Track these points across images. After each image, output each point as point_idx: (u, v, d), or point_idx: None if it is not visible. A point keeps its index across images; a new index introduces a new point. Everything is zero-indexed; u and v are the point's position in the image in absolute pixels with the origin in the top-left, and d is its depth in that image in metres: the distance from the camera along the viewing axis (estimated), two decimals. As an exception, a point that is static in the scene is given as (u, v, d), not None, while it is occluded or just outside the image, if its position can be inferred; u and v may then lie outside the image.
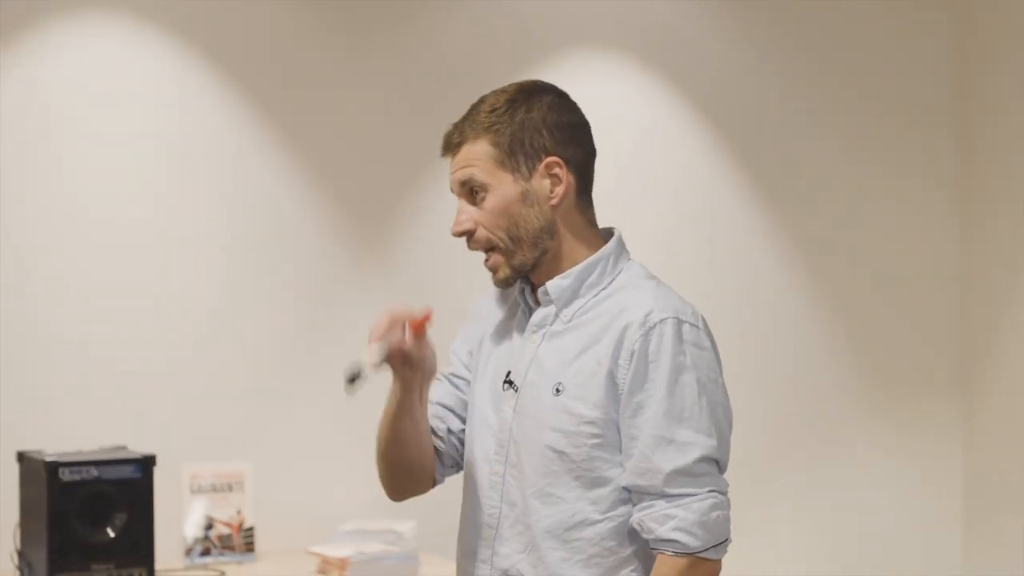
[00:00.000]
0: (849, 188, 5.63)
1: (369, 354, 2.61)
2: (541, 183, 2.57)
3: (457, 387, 2.76)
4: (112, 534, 3.93)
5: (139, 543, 3.94)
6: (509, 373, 2.62)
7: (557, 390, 2.53)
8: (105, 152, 4.56)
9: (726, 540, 2.51)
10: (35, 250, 4.47)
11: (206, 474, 4.45)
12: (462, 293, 4.93)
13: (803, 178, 5.54)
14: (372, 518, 4.70)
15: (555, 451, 2.52)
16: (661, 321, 2.51)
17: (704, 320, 2.57)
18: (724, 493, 2.52)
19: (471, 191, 2.60)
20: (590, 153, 2.64)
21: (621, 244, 2.64)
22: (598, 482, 2.52)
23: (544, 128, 2.59)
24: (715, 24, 5.37)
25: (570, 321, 2.58)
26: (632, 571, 2.53)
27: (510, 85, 2.66)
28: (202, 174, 4.68)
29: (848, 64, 5.63)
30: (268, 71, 4.76)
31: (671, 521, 2.46)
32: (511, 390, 2.60)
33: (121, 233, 4.56)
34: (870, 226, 5.64)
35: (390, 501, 4.74)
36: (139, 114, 4.60)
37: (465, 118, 2.65)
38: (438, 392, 2.75)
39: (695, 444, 2.48)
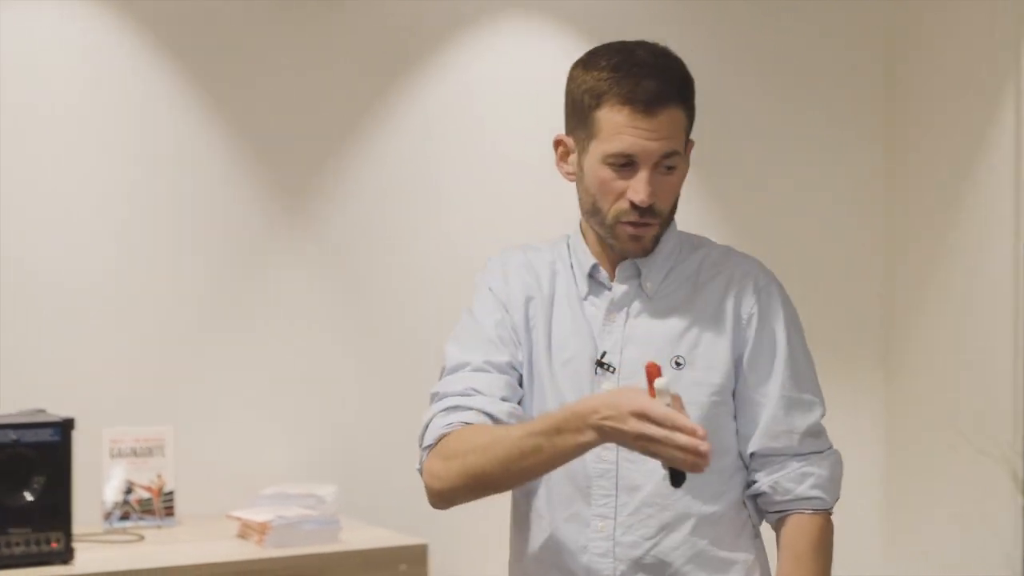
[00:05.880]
0: (776, 167, 5.67)
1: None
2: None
3: (516, 380, 2.49)
4: (30, 498, 3.89)
5: (57, 507, 3.91)
6: (604, 354, 2.45)
7: (677, 363, 2.43)
8: (11, 111, 4.50)
9: None
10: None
11: (126, 438, 4.43)
12: (383, 259, 4.95)
13: (730, 157, 5.56)
14: (293, 482, 4.70)
15: None
16: (768, 283, 2.53)
17: None
18: None
19: (662, 163, 2.40)
20: None
21: None
22: (721, 452, 2.44)
23: None
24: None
25: (656, 293, 2.48)
26: (751, 537, 2.51)
27: (665, 47, 2.49)
28: (121, 135, 4.63)
29: (779, 46, 5.66)
30: (189, 27, 4.72)
31: (810, 479, 2.46)
32: (607, 372, 2.44)
33: (40, 194, 4.52)
34: (795, 205, 5.67)
35: (310, 465, 4.80)
36: (49, 71, 4.55)
37: (666, 76, 2.41)
38: (498, 386, 2.44)
39: (817, 402, 2.52)
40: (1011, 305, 5.22)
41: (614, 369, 2.44)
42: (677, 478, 2.15)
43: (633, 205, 2.39)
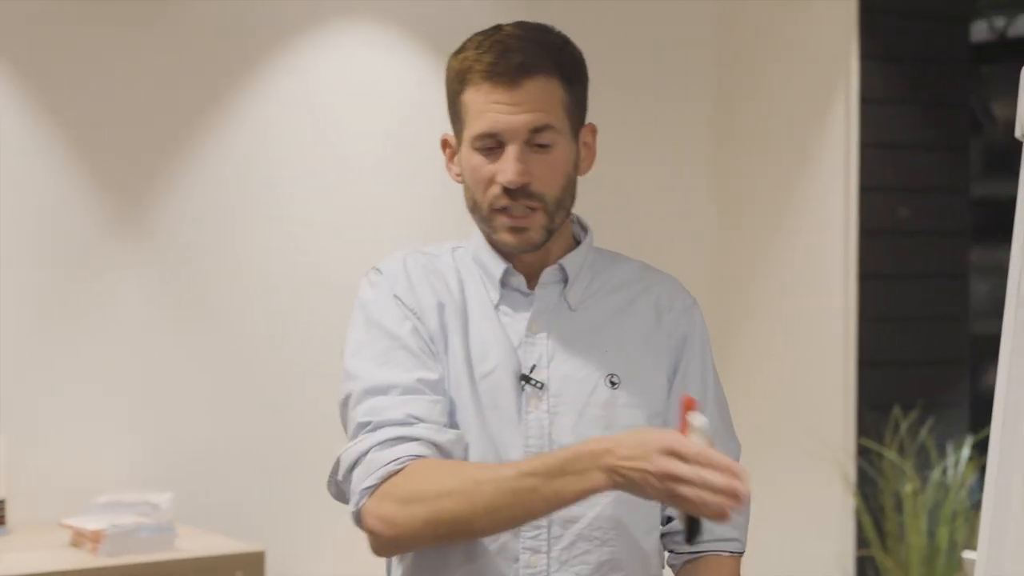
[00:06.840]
0: (604, 174, 5.69)
1: None
2: (578, 149, 2.25)
3: (445, 398, 2.19)
4: None
5: None
6: (533, 368, 2.20)
7: (612, 382, 2.20)
8: None
9: None
10: None
11: (-45, 446, 4.35)
12: (222, 262, 4.91)
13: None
14: (128, 490, 4.65)
15: None
16: (693, 304, 2.31)
17: None
18: None
19: (533, 139, 2.16)
20: None
21: None
22: None
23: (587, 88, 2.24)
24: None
25: (580, 304, 2.25)
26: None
27: (545, 25, 2.24)
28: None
29: (615, 39, 5.71)
30: (15, 25, 4.63)
31: (731, 519, 2.24)
32: (535, 388, 2.18)
33: None
34: (621, 201, 5.68)
35: (145, 472, 4.74)
36: None
37: (532, 46, 2.17)
38: (438, 411, 2.14)
39: (735, 435, 2.32)
40: (841, 305, 5.32)
41: (542, 385, 2.18)
42: (695, 530, 1.94)
43: (505, 190, 2.16)
